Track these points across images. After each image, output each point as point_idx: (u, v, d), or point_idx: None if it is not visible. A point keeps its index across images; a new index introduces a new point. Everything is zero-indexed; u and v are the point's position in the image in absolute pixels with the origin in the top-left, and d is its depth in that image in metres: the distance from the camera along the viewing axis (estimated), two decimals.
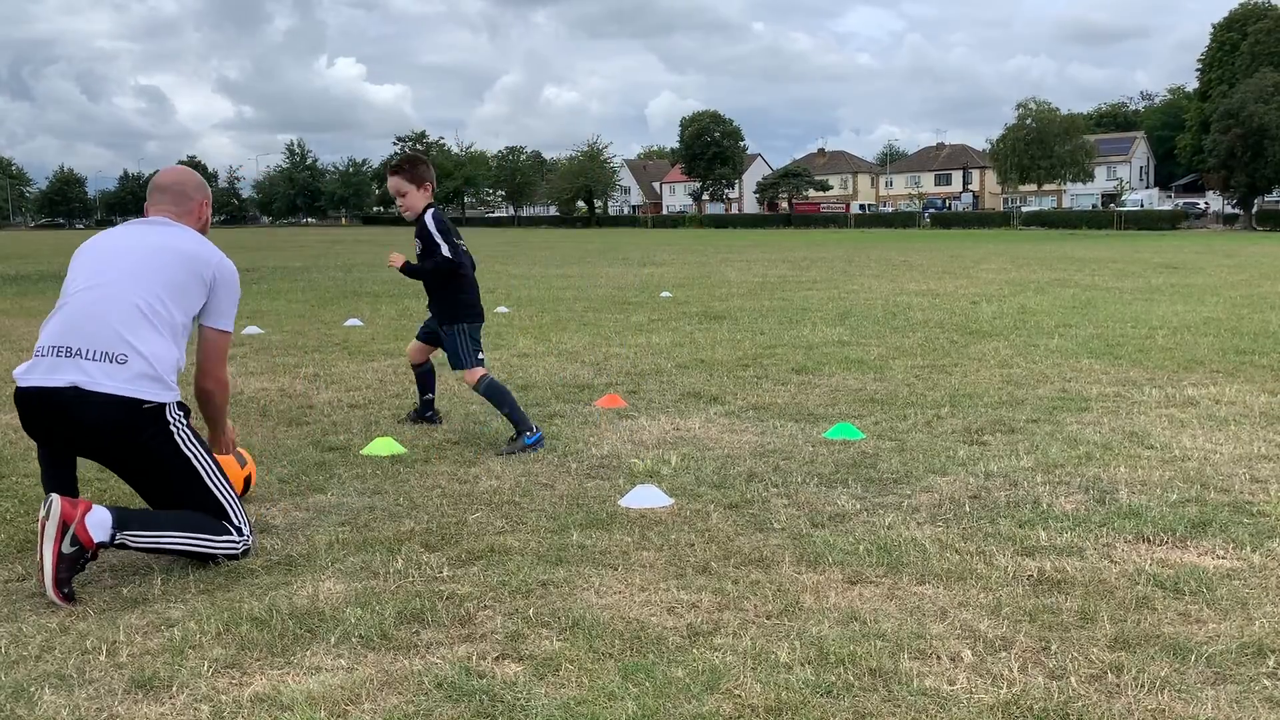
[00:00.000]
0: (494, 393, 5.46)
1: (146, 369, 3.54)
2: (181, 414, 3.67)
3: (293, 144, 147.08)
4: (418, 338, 6.02)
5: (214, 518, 3.63)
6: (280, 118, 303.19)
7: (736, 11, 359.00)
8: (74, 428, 3.56)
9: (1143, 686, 2.65)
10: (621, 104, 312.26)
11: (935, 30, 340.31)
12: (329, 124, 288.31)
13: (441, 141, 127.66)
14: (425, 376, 6.09)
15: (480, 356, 5.54)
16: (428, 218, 5.50)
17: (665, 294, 15.59)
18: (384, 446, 5.38)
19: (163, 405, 3.58)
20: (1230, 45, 77.35)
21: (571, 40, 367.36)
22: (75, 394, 3.49)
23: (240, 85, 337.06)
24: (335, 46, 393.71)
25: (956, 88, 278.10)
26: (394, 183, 5.52)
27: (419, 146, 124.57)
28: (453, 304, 5.54)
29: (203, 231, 4.00)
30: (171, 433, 3.61)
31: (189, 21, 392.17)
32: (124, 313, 3.57)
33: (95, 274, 3.71)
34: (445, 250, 5.45)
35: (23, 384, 3.57)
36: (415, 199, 5.51)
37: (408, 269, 5.58)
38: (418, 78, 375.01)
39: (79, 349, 3.54)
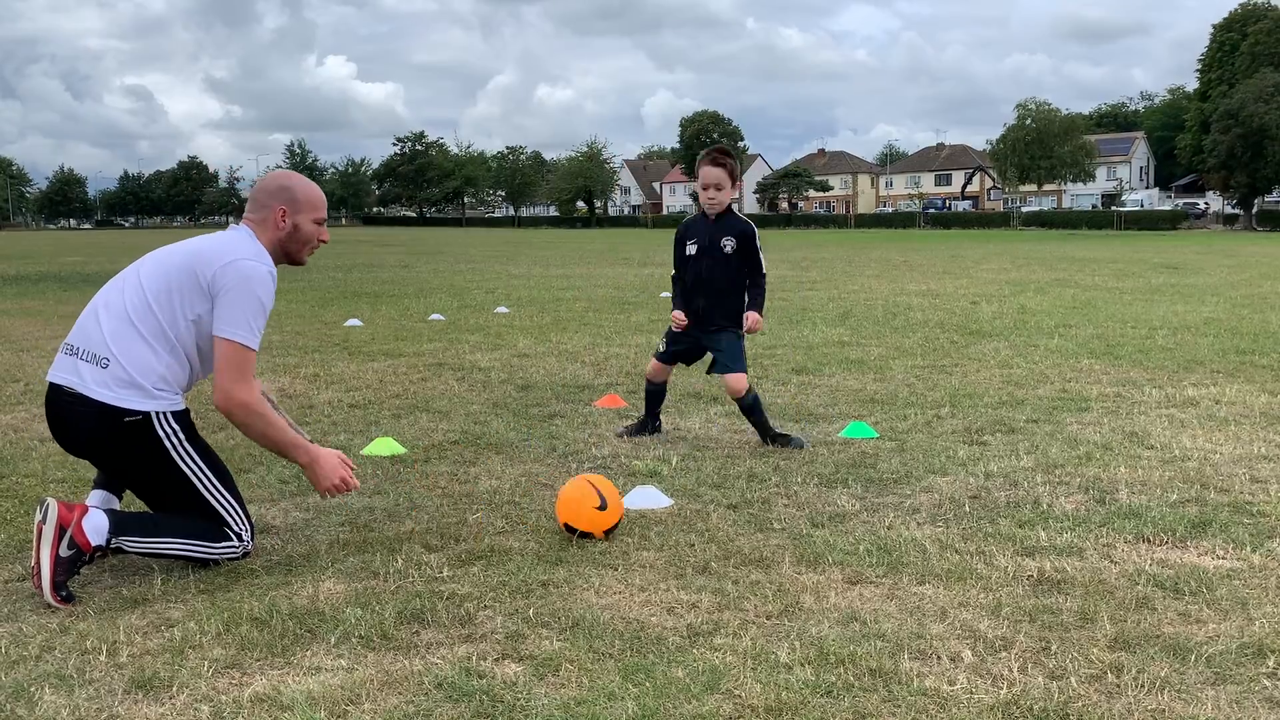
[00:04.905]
0: (758, 406, 5.40)
1: (124, 375, 3.45)
2: (178, 425, 3.55)
3: (292, 144, 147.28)
4: (664, 359, 5.63)
5: (214, 524, 3.62)
6: (271, 117, 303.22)
7: (728, 8, 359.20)
8: (67, 429, 3.56)
9: (1143, 686, 2.65)
10: (617, 103, 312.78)
11: (931, 29, 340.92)
12: (320, 123, 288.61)
13: (441, 141, 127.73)
14: (661, 396, 5.73)
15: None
16: (754, 229, 5.40)
17: (665, 294, 15.59)
18: (384, 446, 5.37)
19: (148, 415, 3.48)
20: (1230, 45, 77.45)
21: (558, 38, 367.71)
22: (70, 395, 3.49)
23: (230, 84, 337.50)
24: (325, 45, 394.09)
25: (954, 87, 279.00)
26: (715, 175, 5.27)
27: (419, 146, 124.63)
28: (740, 311, 5.39)
29: (287, 243, 3.73)
30: (162, 444, 3.52)
31: (177, 20, 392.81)
32: (114, 316, 3.54)
33: (119, 276, 3.73)
34: (765, 265, 5.43)
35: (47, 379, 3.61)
36: (728, 196, 5.33)
37: (760, 308, 5.37)
38: (410, 76, 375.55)
39: (78, 348, 3.56)
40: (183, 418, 3.60)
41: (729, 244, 5.33)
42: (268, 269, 3.63)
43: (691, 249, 5.45)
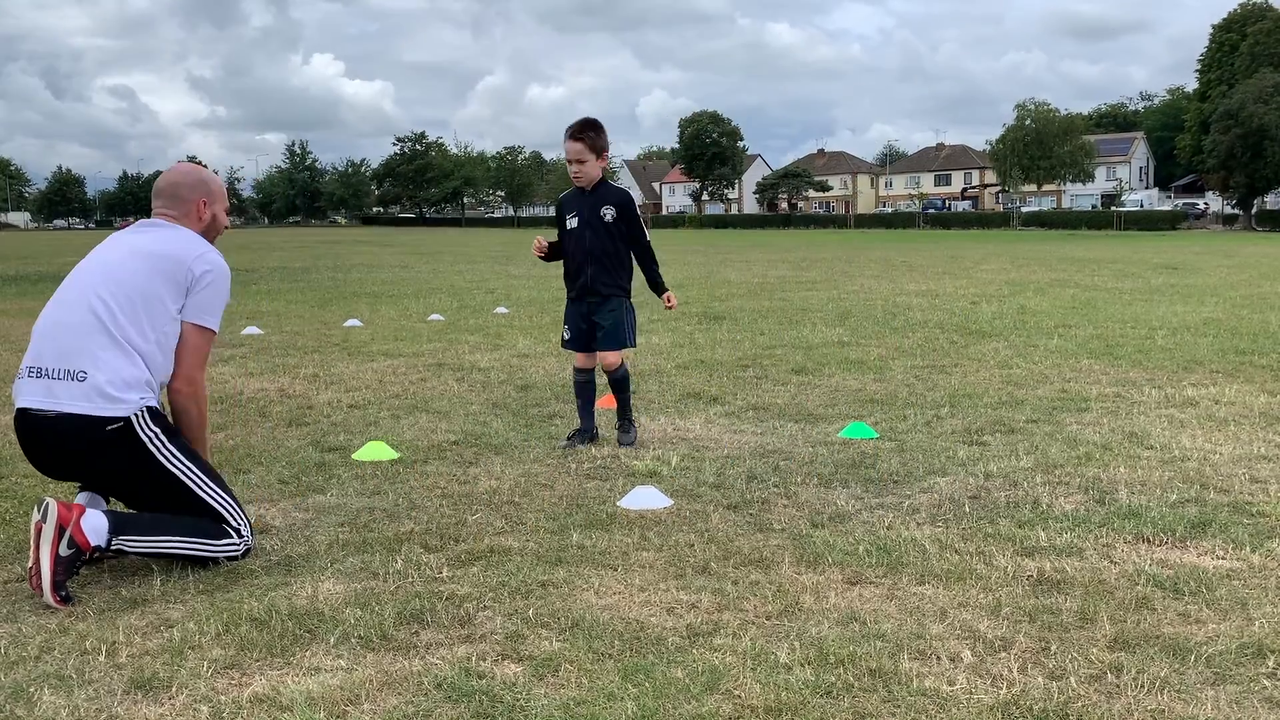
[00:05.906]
0: (626, 381, 5.59)
1: (104, 385, 3.46)
2: (157, 426, 3.55)
3: (293, 144, 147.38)
4: (579, 347, 5.63)
5: (213, 522, 3.62)
6: (258, 116, 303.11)
7: (726, 7, 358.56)
8: (50, 451, 3.54)
9: (1143, 686, 2.65)
10: (611, 103, 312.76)
11: (926, 27, 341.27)
12: (309, 122, 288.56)
13: (440, 141, 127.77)
14: (591, 388, 5.66)
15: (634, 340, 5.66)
16: (635, 200, 5.66)
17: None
18: (375, 451, 5.25)
19: (128, 420, 3.49)
20: (1230, 46, 77.50)
21: (540, 35, 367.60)
22: (49, 417, 3.47)
23: (215, 84, 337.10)
24: (312, 43, 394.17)
25: (950, 85, 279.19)
26: (574, 149, 5.40)
27: (419, 146, 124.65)
28: (627, 278, 5.61)
29: (207, 232, 3.89)
30: (146, 448, 3.52)
31: (161, 19, 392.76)
32: (82, 327, 3.53)
33: (67, 286, 3.71)
34: (649, 238, 5.69)
35: (16, 406, 3.59)
36: (593, 169, 5.47)
37: (658, 282, 5.80)
38: (399, 75, 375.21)
39: (45, 368, 3.54)
40: (159, 418, 3.59)
41: (609, 213, 5.48)
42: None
43: (573, 222, 5.55)
